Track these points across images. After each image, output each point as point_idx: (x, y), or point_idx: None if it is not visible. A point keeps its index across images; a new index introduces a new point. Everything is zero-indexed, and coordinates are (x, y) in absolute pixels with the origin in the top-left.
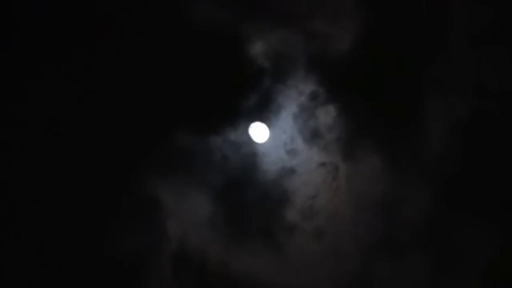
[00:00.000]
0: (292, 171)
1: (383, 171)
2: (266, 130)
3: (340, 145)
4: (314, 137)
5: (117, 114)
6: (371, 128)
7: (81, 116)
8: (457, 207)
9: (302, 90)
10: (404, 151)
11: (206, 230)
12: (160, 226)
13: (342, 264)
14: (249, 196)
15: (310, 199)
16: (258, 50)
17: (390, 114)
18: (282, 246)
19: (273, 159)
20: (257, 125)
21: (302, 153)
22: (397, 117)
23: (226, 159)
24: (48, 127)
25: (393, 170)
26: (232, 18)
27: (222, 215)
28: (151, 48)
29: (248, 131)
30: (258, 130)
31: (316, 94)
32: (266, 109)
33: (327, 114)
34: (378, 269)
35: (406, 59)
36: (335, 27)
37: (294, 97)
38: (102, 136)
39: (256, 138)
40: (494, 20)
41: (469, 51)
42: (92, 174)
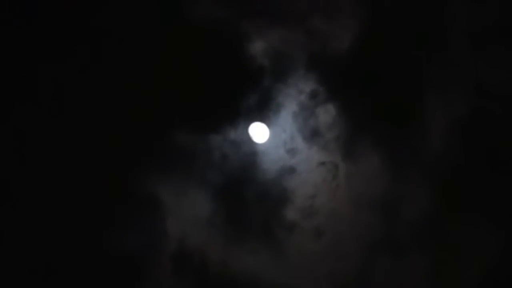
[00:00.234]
0: (292, 170)
1: (383, 170)
2: (266, 130)
3: (340, 144)
4: (314, 136)
5: (117, 113)
6: (371, 127)
7: (80, 115)
8: (457, 206)
9: (302, 89)
10: (404, 150)
11: (206, 229)
12: (159, 225)
13: (342, 263)
14: (249, 195)
15: (310, 198)
16: (257, 48)
17: (390, 113)
18: (282, 245)
19: (273, 158)
20: (257, 125)
21: (302, 152)
22: (397, 116)
23: (226, 158)
24: (48, 127)
25: (393, 169)
26: (231, 16)
27: (222, 214)
28: (151, 46)
29: (247, 130)
30: (258, 130)
31: (316, 93)
32: (265, 108)
33: (327, 113)
34: (378, 268)
35: (405, 58)
36: (335, 26)
37: (294, 96)
38: (102, 134)
39: (256, 138)
40: (494, 19)
41: (469, 50)
42: (91, 173)
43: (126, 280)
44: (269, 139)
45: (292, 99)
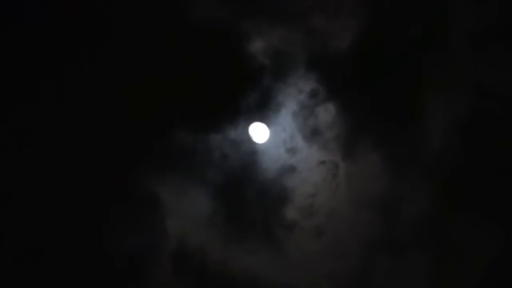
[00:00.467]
0: (292, 169)
1: (383, 169)
2: (266, 130)
3: (340, 143)
4: (314, 135)
5: (116, 112)
6: (371, 126)
7: (80, 114)
8: (457, 206)
9: (302, 88)
10: (404, 149)
11: (206, 228)
12: (159, 224)
13: (342, 262)
14: (248, 194)
15: (310, 197)
16: (258, 48)
17: (390, 113)
18: (282, 245)
19: (272, 157)
20: (256, 125)
21: (302, 151)
22: (397, 115)
23: (225, 157)
24: (48, 126)
25: (393, 168)
26: (231, 16)
27: (222, 214)
28: (151, 45)
29: (247, 129)
30: (258, 130)
31: (316, 92)
32: (266, 107)
33: (327, 112)
34: (378, 267)
35: (405, 57)
36: (335, 25)
37: (294, 95)
38: (102, 134)
39: (256, 138)
40: (494, 19)
41: (469, 50)
42: (92, 172)
43: (126, 279)
44: (269, 138)
45: (292, 98)
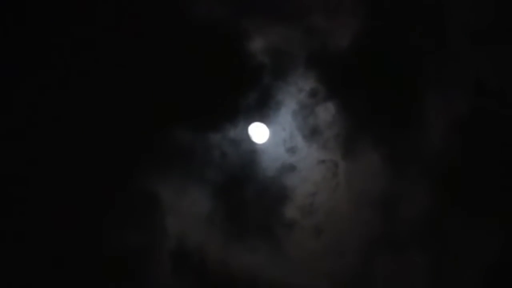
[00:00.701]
0: (291, 168)
1: (383, 168)
2: (265, 130)
3: (340, 142)
4: (313, 134)
5: (116, 111)
6: (371, 125)
7: (80, 112)
8: (456, 205)
9: (301, 87)
10: (403, 148)
11: (205, 227)
12: (159, 223)
13: (341, 261)
14: (248, 193)
15: (310, 196)
16: (257, 46)
17: (389, 111)
18: (282, 243)
19: (272, 156)
20: (256, 125)
21: (302, 150)
22: (396, 114)
23: (225, 156)
24: (47, 125)
25: (392, 167)
26: (231, 14)
27: (222, 212)
28: (151, 44)
29: (247, 128)
30: (257, 130)
31: (315, 91)
32: (265, 106)
33: (327, 111)
34: (377, 266)
35: (405, 56)
36: (335, 24)
37: (294, 94)
38: (101, 132)
39: (255, 138)
40: (494, 17)
41: (469, 48)
42: (90, 170)
43: (126, 278)
44: (268, 138)
45: (291, 97)
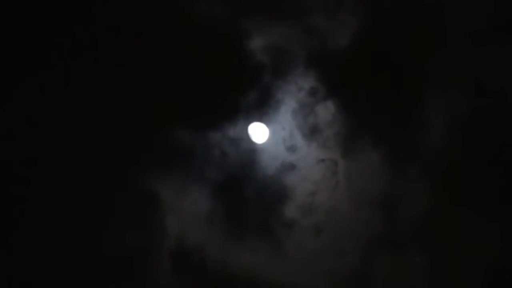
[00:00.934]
0: (291, 167)
1: (383, 167)
2: (265, 130)
3: (339, 141)
4: (313, 133)
5: (116, 110)
6: (371, 124)
7: (80, 112)
8: (456, 203)
9: (301, 86)
10: (403, 147)
11: (205, 226)
12: (159, 223)
13: (341, 260)
14: (248, 192)
15: (310, 195)
16: (257, 45)
17: (389, 110)
18: (281, 243)
19: (272, 155)
20: (256, 125)
21: (302, 149)
22: (396, 113)
23: (225, 155)
24: (47, 125)
25: (392, 166)
26: (231, 13)
27: (221, 211)
28: (151, 43)
29: (247, 127)
30: (257, 130)
31: (315, 90)
32: (265, 105)
33: (327, 110)
34: (377, 265)
35: (405, 55)
36: (335, 23)
37: (294, 93)
38: (101, 132)
39: (255, 138)
40: (494, 16)
41: (468, 48)
42: (90, 170)
43: (125, 277)
44: (268, 136)
45: (291, 96)
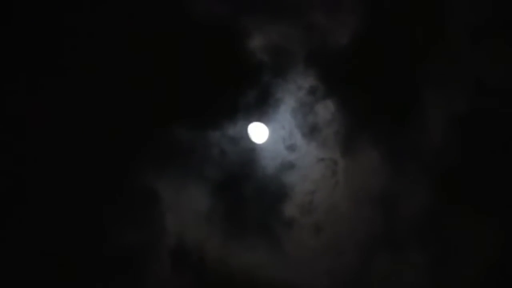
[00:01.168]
0: (290, 166)
1: (382, 166)
2: (265, 129)
3: (339, 140)
4: (313, 132)
5: (115, 108)
6: (370, 123)
7: (79, 111)
8: (456, 202)
9: (301, 85)
10: (403, 146)
11: (205, 224)
12: (158, 221)
13: (340, 259)
14: (247, 191)
15: (309, 194)
16: (257, 44)
17: (389, 109)
18: (281, 241)
19: (271, 154)
20: (256, 125)
21: (301, 148)
22: (396, 111)
23: (224, 154)
24: (46, 123)
25: (392, 165)
26: (231, 12)
27: (221, 210)
28: (151, 41)
29: (246, 126)
30: (257, 129)
31: (315, 89)
32: (264, 104)
33: (326, 109)
34: (377, 264)
35: (405, 54)
36: (334, 21)
37: (293, 92)
38: (101, 130)
39: (254, 136)
40: (493, 14)
41: (468, 46)
42: (90, 168)
43: (125, 275)
44: (268, 136)
45: (291, 95)
